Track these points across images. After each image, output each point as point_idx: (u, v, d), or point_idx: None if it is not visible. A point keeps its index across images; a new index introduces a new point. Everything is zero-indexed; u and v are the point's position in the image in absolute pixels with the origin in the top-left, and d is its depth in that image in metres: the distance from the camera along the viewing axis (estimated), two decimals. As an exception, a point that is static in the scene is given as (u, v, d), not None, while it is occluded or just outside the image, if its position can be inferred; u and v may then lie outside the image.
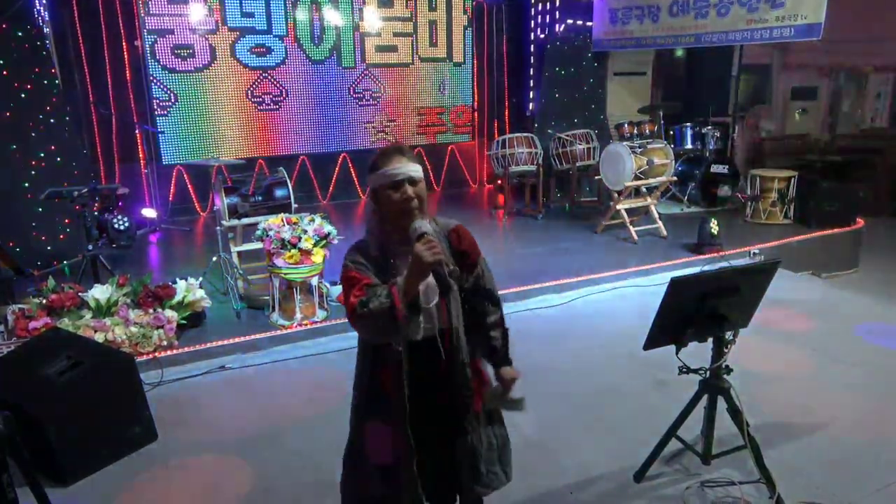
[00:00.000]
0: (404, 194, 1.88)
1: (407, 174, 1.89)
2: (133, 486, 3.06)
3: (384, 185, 1.89)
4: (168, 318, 4.28)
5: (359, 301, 1.81)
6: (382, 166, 1.90)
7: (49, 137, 5.80)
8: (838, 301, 5.36)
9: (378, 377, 2.00)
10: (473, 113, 9.37)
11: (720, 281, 2.69)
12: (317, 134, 8.49)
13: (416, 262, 1.75)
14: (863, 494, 2.85)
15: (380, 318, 1.77)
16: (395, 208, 1.89)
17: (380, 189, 1.92)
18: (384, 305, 1.76)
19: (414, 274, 1.76)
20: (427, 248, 1.74)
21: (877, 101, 10.87)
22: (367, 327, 1.85)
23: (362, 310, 1.79)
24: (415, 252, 1.75)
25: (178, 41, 7.55)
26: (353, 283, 1.88)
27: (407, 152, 1.96)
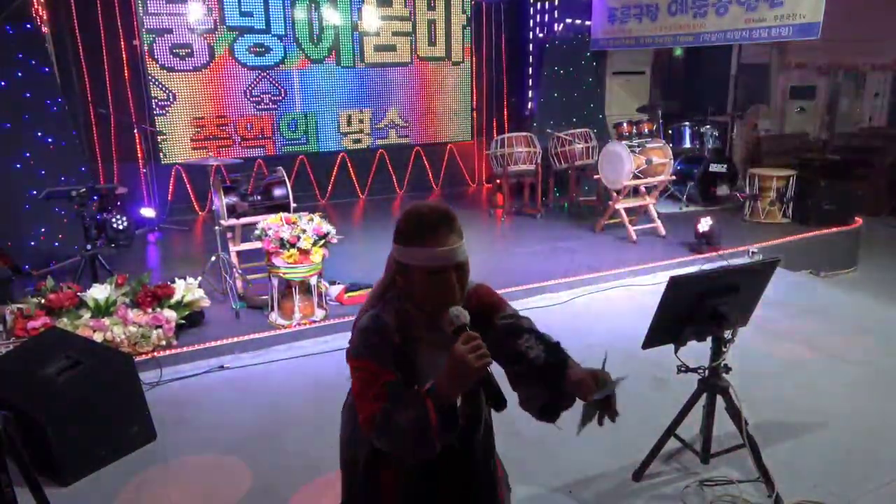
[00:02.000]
0: (447, 284, 1.49)
1: (455, 259, 1.49)
2: (132, 486, 3.05)
3: (423, 267, 1.49)
4: (167, 318, 4.27)
5: (381, 410, 1.42)
6: (425, 242, 1.47)
7: (47, 137, 5.79)
8: (837, 300, 5.37)
9: (377, 476, 1.63)
10: (472, 112, 9.37)
11: (719, 280, 2.69)
12: (316, 133, 8.48)
13: (458, 366, 1.38)
14: (861, 493, 2.85)
15: (407, 436, 1.40)
16: (433, 298, 1.50)
17: (416, 270, 1.50)
18: (413, 420, 1.38)
19: (454, 381, 1.39)
20: (472, 351, 1.37)
21: (875, 100, 10.88)
22: (389, 443, 1.44)
23: (384, 421, 1.41)
24: (456, 354, 1.38)
25: (176, 40, 7.54)
26: (369, 380, 1.48)
27: (456, 224, 1.52)
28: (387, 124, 8.86)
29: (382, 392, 1.45)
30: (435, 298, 1.50)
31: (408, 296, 1.56)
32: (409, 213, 1.54)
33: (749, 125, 10.08)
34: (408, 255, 1.51)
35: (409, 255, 1.50)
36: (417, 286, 1.51)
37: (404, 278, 1.54)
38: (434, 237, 1.47)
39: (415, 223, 1.51)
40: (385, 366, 1.48)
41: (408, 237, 1.51)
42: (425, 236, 1.48)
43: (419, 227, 1.50)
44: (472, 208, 8.34)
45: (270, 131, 8.23)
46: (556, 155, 7.75)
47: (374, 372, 1.47)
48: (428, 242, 1.47)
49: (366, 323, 1.55)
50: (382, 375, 1.47)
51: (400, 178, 9.06)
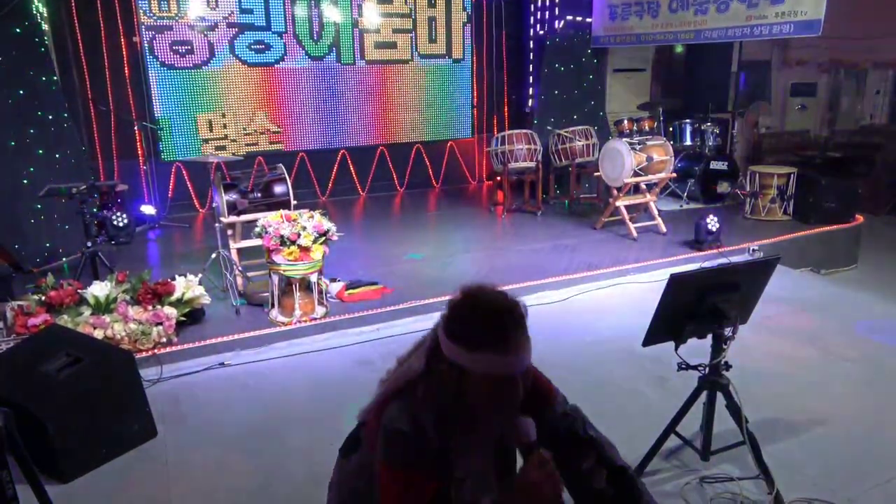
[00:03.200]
0: (516, 391, 1.31)
1: (523, 368, 1.32)
2: (132, 483, 3.06)
3: (490, 375, 1.29)
4: (167, 315, 4.28)
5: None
6: (499, 349, 1.28)
7: (47, 134, 5.80)
8: (837, 297, 5.37)
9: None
10: (473, 109, 9.36)
11: (719, 277, 2.69)
12: (316, 130, 8.48)
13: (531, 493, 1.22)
14: (861, 490, 2.85)
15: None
16: (493, 409, 1.32)
17: (477, 375, 1.30)
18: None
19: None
20: (545, 474, 1.22)
21: (876, 97, 10.87)
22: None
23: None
24: (530, 480, 1.22)
25: (176, 37, 7.53)
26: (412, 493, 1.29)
27: (525, 324, 1.33)
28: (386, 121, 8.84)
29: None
30: (500, 407, 1.30)
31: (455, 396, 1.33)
32: (477, 311, 1.30)
33: (750, 122, 10.07)
34: (473, 362, 1.28)
35: (476, 361, 1.28)
36: (475, 396, 1.31)
37: (458, 381, 1.31)
38: (508, 344, 1.27)
39: (486, 325, 1.29)
40: (424, 475, 1.29)
41: (476, 342, 1.28)
42: (500, 343, 1.27)
43: (493, 332, 1.28)
44: (472, 205, 8.34)
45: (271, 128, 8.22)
46: (557, 152, 7.74)
47: (416, 484, 1.29)
48: (501, 350, 1.27)
49: (398, 423, 1.34)
50: (421, 490, 1.28)
51: (400, 175, 9.05)
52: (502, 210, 7.86)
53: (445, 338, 1.32)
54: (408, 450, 1.31)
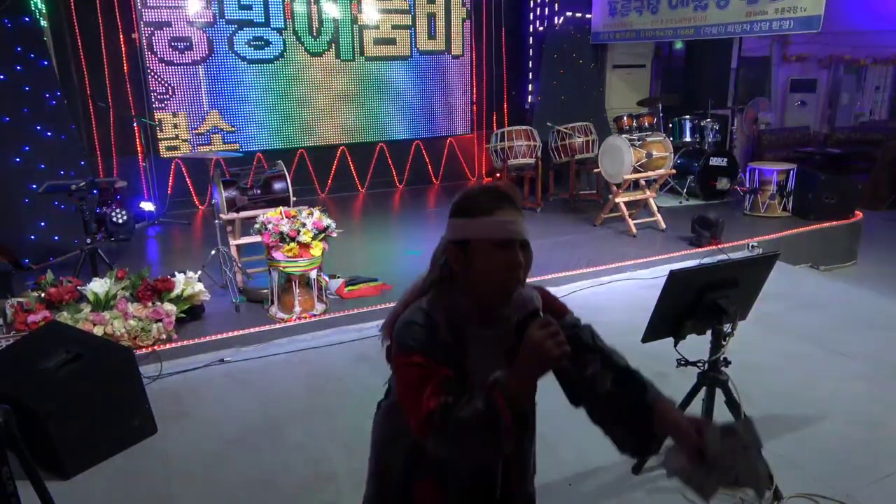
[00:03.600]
0: (514, 260, 1.36)
1: (522, 234, 1.38)
2: (133, 479, 3.06)
3: (490, 239, 1.36)
4: (167, 312, 4.28)
5: (440, 406, 1.25)
6: (492, 212, 1.36)
7: (46, 131, 5.79)
8: (836, 293, 5.37)
9: (411, 491, 1.48)
10: (472, 106, 9.35)
11: (719, 273, 2.69)
12: (315, 127, 8.47)
13: (535, 355, 1.23)
14: (860, 486, 2.86)
15: (475, 434, 1.23)
16: (497, 277, 1.36)
17: (479, 243, 1.36)
18: (482, 416, 1.21)
19: (530, 373, 1.25)
20: (550, 337, 1.22)
21: (876, 93, 10.87)
22: (452, 445, 1.27)
23: (445, 419, 1.24)
24: (533, 341, 1.23)
25: (175, 34, 7.52)
26: (423, 376, 1.30)
27: (519, 202, 1.41)
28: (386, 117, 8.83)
29: (440, 387, 1.27)
30: (500, 276, 1.35)
31: (463, 285, 1.40)
32: (472, 188, 1.43)
33: (749, 119, 10.07)
34: (471, 229, 1.37)
35: (473, 227, 1.36)
36: (479, 265, 1.36)
37: (462, 260, 1.38)
38: (501, 208, 1.36)
39: (479, 195, 1.39)
40: (439, 360, 1.32)
41: (471, 209, 1.38)
42: (492, 206, 1.36)
43: (485, 198, 1.38)
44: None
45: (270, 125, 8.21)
46: (556, 148, 7.74)
47: (429, 367, 1.31)
48: (495, 213, 1.35)
49: (412, 317, 1.39)
50: (437, 370, 1.30)
51: (400, 171, 9.05)
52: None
53: (451, 219, 1.43)
54: (417, 337, 1.35)
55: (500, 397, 1.22)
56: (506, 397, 1.22)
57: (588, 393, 1.44)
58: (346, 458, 3.17)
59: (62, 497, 2.34)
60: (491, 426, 1.21)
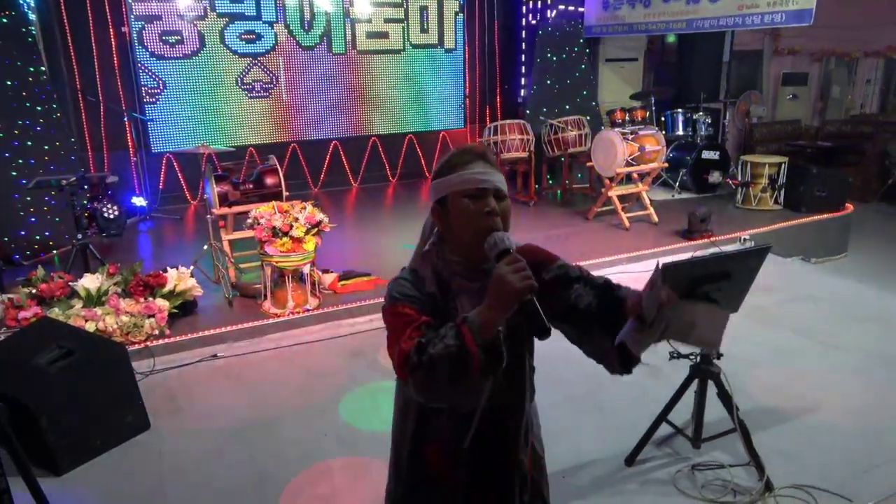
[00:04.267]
0: (486, 206, 1.42)
1: (494, 183, 1.45)
2: (126, 475, 3.06)
3: (461, 192, 1.43)
4: (159, 307, 4.27)
5: (414, 345, 1.31)
6: (460, 168, 1.45)
7: (36, 126, 5.75)
8: (827, 286, 5.41)
9: (422, 455, 1.53)
10: (465, 99, 9.33)
11: (711, 266, 2.69)
12: (308, 121, 8.44)
13: (500, 288, 1.27)
14: (851, 476, 2.89)
15: (444, 369, 1.26)
16: (472, 224, 1.42)
17: (453, 197, 1.44)
18: (451, 350, 1.25)
19: (495, 306, 1.27)
20: (515, 271, 1.27)
21: (867, 86, 10.91)
22: (426, 383, 1.31)
23: (419, 357, 1.29)
24: (497, 275, 1.28)
25: (165, 27, 7.46)
26: (405, 322, 1.38)
27: (491, 158, 1.50)
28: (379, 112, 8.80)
29: (418, 331, 1.35)
30: (477, 223, 1.41)
31: (448, 242, 1.49)
32: (451, 149, 1.54)
33: (741, 112, 10.10)
34: (444, 186, 1.46)
35: (445, 184, 1.46)
36: (456, 217, 1.45)
37: (443, 219, 1.48)
38: (468, 164, 1.45)
39: (452, 155, 1.50)
40: (423, 311, 1.40)
41: (443, 168, 1.49)
42: (458, 163, 1.46)
43: (455, 156, 1.49)
44: (465, 196, 8.32)
45: (262, 119, 8.17)
46: (549, 142, 7.74)
47: (411, 315, 1.39)
48: (466, 167, 1.45)
49: (399, 276, 1.51)
50: (419, 318, 1.38)
51: (393, 165, 9.03)
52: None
53: (431, 183, 1.52)
54: (403, 290, 1.46)
55: (467, 331, 1.26)
56: (473, 332, 1.26)
57: (572, 312, 1.49)
58: (340, 452, 3.18)
59: (55, 494, 2.34)
60: (459, 359, 1.25)
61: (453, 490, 1.51)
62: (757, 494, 2.76)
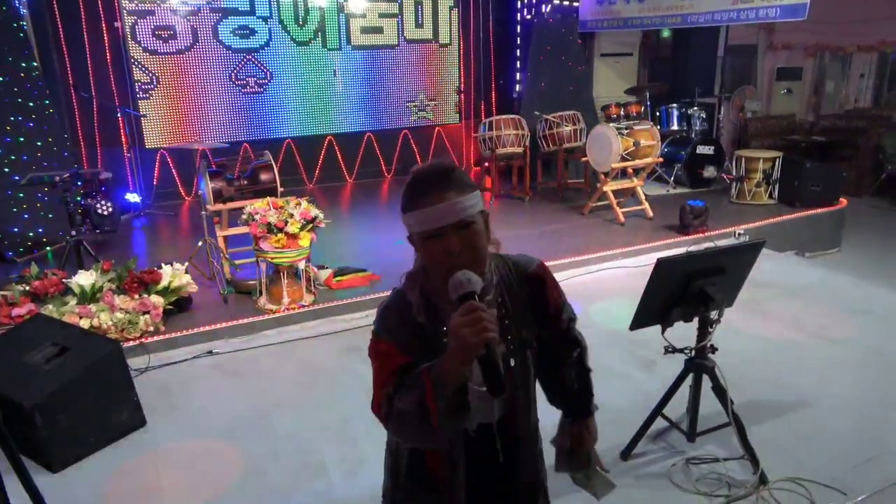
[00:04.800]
0: (447, 248, 1.30)
1: (450, 218, 1.30)
2: (122, 472, 3.05)
3: (420, 232, 1.34)
4: (154, 304, 4.25)
5: (385, 397, 1.31)
6: (416, 205, 1.32)
7: (29, 122, 5.71)
8: (821, 280, 5.43)
9: (423, 461, 1.51)
10: (460, 95, 9.32)
11: (706, 261, 2.71)
12: (302, 117, 8.41)
13: (454, 340, 1.21)
14: (844, 469, 2.90)
15: (408, 422, 1.28)
16: (435, 267, 1.34)
17: (415, 237, 1.37)
18: (411, 406, 1.26)
19: (451, 357, 1.23)
20: (468, 325, 1.19)
21: (860, 81, 10.93)
22: (398, 432, 1.36)
23: (389, 408, 1.31)
24: (451, 325, 1.21)
25: (158, 22, 7.42)
26: (382, 364, 1.37)
27: (454, 179, 1.33)
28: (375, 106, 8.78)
29: (391, 378, 1.33)
30: (438, 266, 1.32)
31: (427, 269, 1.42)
32: (408, 180, 1.39)
33: (736, 107, 10.11)
34: (407, 223, 1.37)
35: (407, 222, 1.37)
36: (422, 256, 1.38)
37: (417, 250, 1.41)
38: (424, 197, 1.31)
39: (409, 185, 1.37)
40: (402, 349, 1.35)
41: (404, 203, 1.37)
42: (415, 198, 1.33)
43: (411, 189, 1.35)
44: (460, 192, 8.31)
45: (256, 115, 8.14)
46: (545, 137, 7.74)
47: (391, 355, 1.36)
48: (418, 204, 1.31)
49: (387, 302, 1.45)
50: (397, 359, 1.35)
51: (388, 161, 9.01)
52: (490, 196, 7.85)
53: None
54: (387, 324, 1.40)
55: (429, 385, 1.24)
56: (435, 384, 1.24)
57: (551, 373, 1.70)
58: (337, 447, 3.18)
59: (50, 491, 2.33)
60: (419, 415, 1.25)
61: (453, 493, 1.49)
62: (751, 487, 2.77)
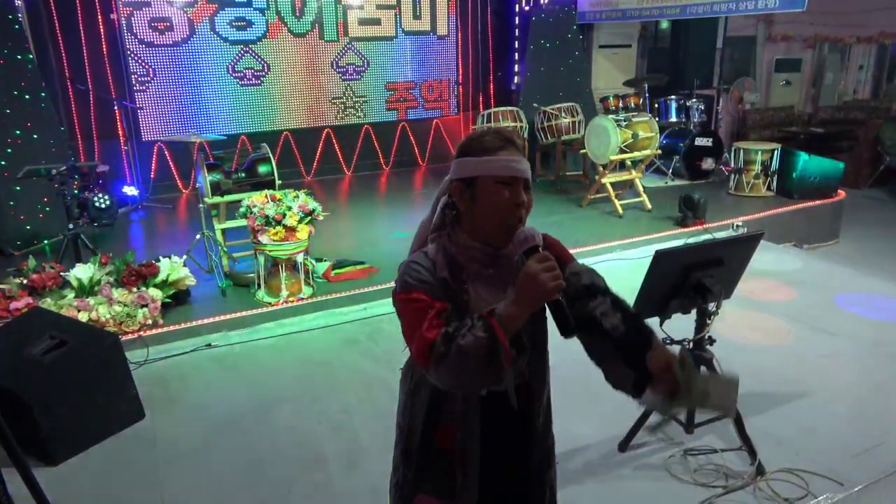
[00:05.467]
0: (516, 198, 1.42)
1: (526, 173, 1.44)
2: (121, 465, 3.06)
3: (494, 177, 1.42)
4: (152, 297, 4.25)
5: (441, 335, 1.32)
6: (497, 152, 1.43)
7: (25, 115, 5.69)
8: (819, 272, 5.44)
9: (434, 438, 1.54)
10: (458, 87, 9.29)
11: (704, 253, 2.71)
12: (300, 109, 8.38)
13: (529, 286, 1.30)
14: (841, 460, 2.92)
15: (475, 360, 1.29)
16: (500, 214, 1.42)
17: (485, 180, 1.43)
18: (482, 342, 1.28)
19: (523, 302, 1.31)
20: (546, 270, 1.29)
21: (859, 72, 10.92)
22: (454, 372, 1.32)
23: (446, 346, 1.30)
24: (528, 272, 1.30)
25: (155, 14, 7.38)
26: (422, 309, 1.38)
27: (521, 145, 1.49)
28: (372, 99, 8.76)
29: (439, 320, 1.35)
30: (504, 212, 1.41)
31: (465, 225, 1.47)
32: (477, 132, 1.50)
33: (735, 98, 10.09)
34: (478, 167, 1.43)
35: (480, 165, 1.43)
36: (485, 201, 1.43)
37: (467, 197, 1.45)
38: (506, 149, 1.43)
39: (486, 136, 1.46)
40: (437, 296, 1.40)
41: (478, 149, 1.45)
42: (498, 147, 1.43)
43: (491, 139, 1.45)
44: (458, 184, 8.30)
45: (254, 107, 8.11)
46: (543, 129, 7.72)
47: (427, 302, 1.38)
48: (500, 153, 1.42)
49: (414, 258, 1.49)
50: (435, 304, 1.38)
51: (386, 153, 8.99)
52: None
53: (458, 159, 1.48)
54: (416, 275, 1.43)
55: (496, 324, 1.29)
56: (502, 324, 1.29)
57: (594, 327, 1.51)
58: (336, 439, 3.18)
59: (50, 484, 2.33)
60: (492, 351, 1.28)
61: (468, 468, 1.51)
62: (749, 478, 2.79)
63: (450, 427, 1.51)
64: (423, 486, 1.57)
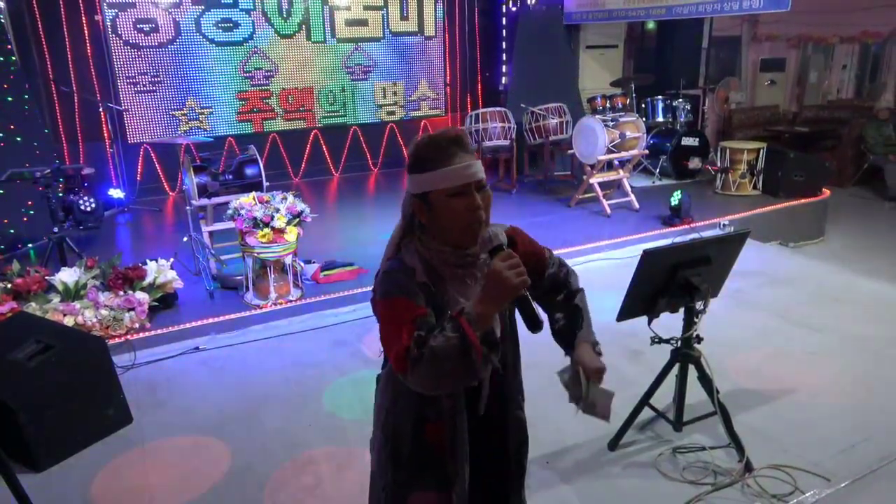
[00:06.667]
0: (471, 205, 1.43)
1: (476, 176, 1.44)
2: (108, 470, 3.03)
3: (445, 189, 1.43)
4: (139, 300, 4.21)
5: (415, 339, 1.34)
6: (441, 163, 1.43)
7: (8, 117, 5.63)
8: (805, 270, 5.49)
9: (423, 435, 1.57)
10: (446, 87, 9.29)
11: (691, 252, 2.73)
12: (287, 111, 8.35)
13: (495, 284, 1.34)
14: (828, 455, 2.94)
15: (447, 361, 1.32)
16: (459, 222, 1.45)
17: (437, 195, 1.44)
18: (452, 342, 1.31)
19: (490, 299, 1.34)
20: (511, 268, 1.34)
21: (843, 72, 11.02)
22: (429, 375, 1.35)
23: (419, 350, 1.33)
24: (494, 270, 1.34)
25: (140, 15, 7.32)
26: (401, 315, 1.40)
27: (467, 144, 1.48)
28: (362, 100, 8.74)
29: (415, 324, 1.37)
30: (462, 222, 1.44)
31: (432, 232, 1.49)
32: (419, 141, 1.49)
33: (720, 98, 10.17)
34: (425, 183, 1.44)
35: (426, 181, 1.44)
36: (441, 215, 1.45)
37: (425, 212, 1.48)
38: (449, 158, 1.43)
39: (425, 147, 1.46)
40: (417, 302, 1.42)
41: (422, 163, 1.45)
42: (438, 157, 1.43)
43: (432, 148, 1.45)
44: (447, 185, 8.29)
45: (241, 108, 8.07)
46: (531, 130, 7.74)
47: (407, 308, 1.41)
48: (443, 163, 1.42)
49: (390, 266, 1.51)
50: (415, 310, 1.40)
51: (374, 155, 8.97)
52: (477, 189, 7.85)
53: (408, 176, 1.51)
54: (395, 282, 1.46)
55: (466, 324, 1.32)
56: (471, 323, 1.32)
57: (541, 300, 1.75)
58: (325, 442, 3.17)
59: (36, 490, 2.31)
60: (463, 351, 1.31)
61: (457, 459, 1.55)
62: (737, 475, 2.81)
63: (439, 423, 1.55)
64: (418, 485, 1.59)
